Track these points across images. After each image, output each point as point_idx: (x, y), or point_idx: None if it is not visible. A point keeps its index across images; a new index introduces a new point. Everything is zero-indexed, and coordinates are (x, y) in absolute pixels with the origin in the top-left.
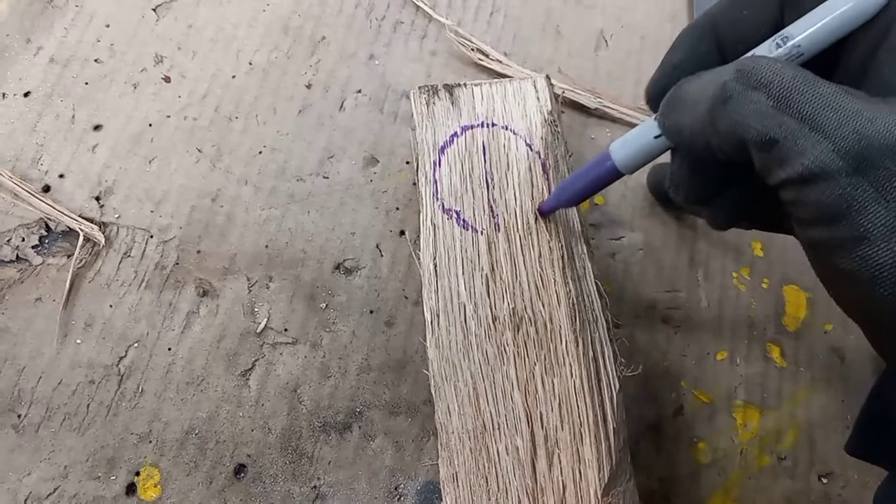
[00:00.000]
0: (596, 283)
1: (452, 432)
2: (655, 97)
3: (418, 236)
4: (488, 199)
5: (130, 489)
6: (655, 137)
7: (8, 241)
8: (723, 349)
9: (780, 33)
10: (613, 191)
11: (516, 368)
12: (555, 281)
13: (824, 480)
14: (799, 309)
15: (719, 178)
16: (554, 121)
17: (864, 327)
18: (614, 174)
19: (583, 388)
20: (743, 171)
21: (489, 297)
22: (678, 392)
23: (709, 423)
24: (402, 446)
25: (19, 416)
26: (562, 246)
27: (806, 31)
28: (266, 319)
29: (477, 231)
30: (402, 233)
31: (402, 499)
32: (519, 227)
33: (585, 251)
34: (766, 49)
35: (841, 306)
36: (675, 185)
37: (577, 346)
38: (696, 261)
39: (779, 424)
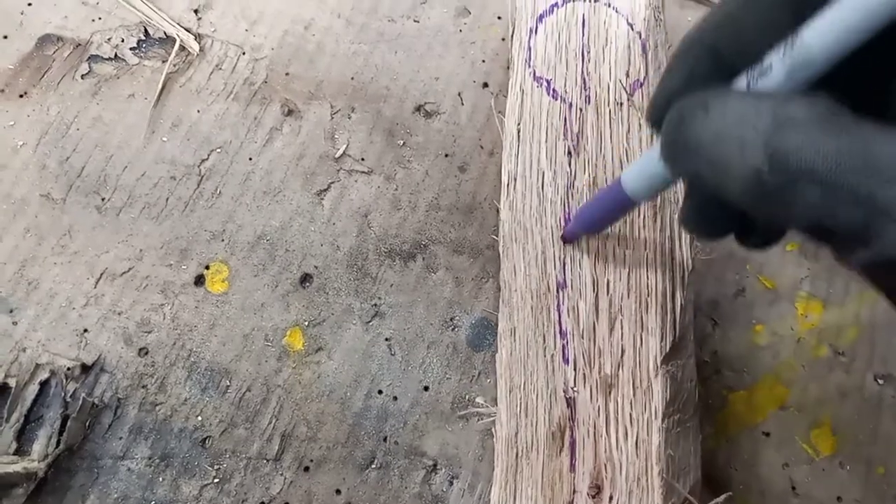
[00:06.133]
0: None
1: (515, 290)
2: (659, 124)
3: (500, 92)
4: (582, 72)
5: (199, 280)
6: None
7: (108, 39)
8: (794, 241)
9: (792, 37)
10: None
11: (588, 237)
12: (639, 155)
13: (880, 381)
14: None
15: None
16: (658, 6)
17: None
18: (629, 204)
19: (654, 262)
20: None
21: (570, 166)
22: (742, 274)
23: (769, 308)
24: (461, 282)
25: (103, 199)
26: None
27: (818, 32)
28: (345, 146)
29: (566, 102)
30: (486, 85)
31: (456, 329)
32: (610, 101)
33: None
34: (777, 58)
35: None
36: (690, 225)
37: (655, 221)
38: None
39: (841, 320)
